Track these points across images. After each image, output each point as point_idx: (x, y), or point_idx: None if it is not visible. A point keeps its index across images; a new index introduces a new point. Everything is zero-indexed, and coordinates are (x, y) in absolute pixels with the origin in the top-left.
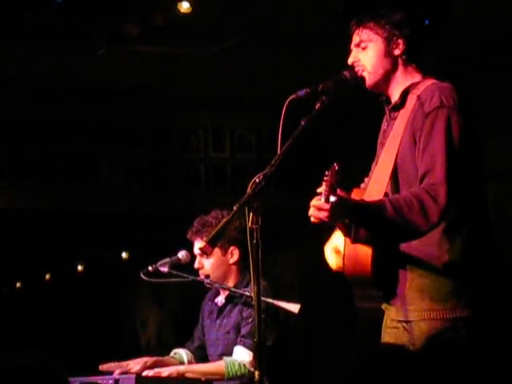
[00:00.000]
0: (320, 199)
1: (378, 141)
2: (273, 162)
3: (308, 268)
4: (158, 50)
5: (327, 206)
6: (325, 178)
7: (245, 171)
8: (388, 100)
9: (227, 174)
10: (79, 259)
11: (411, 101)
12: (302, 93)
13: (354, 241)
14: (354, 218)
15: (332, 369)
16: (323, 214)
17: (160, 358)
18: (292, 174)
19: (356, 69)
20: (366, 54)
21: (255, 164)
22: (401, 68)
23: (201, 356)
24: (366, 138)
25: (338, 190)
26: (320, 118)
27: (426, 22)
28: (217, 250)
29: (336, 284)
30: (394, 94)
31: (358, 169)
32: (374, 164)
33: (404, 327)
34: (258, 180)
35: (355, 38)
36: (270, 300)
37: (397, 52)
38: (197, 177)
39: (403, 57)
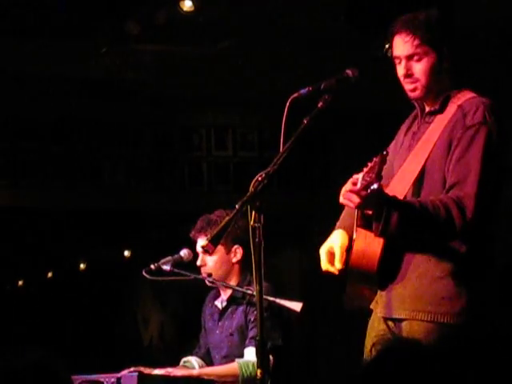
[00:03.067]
0: (356, 183)
1: (400, 140)
2: (275, 161)
3: (310, 266)
4: (160, 48)
5: (364, 193)
6: (370, 164)
7: (247, 170)
8: (422, 104)
9: (229, 172)
10: (81, 257)
11: (451, 109)
12: (304, 91)
13: (381, 233)
14: (387, 210)
15: (334, 368)
16: (356, 200)
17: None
18: (295, 172)
19: (409, 80)
20: (421, 67)
21: (257, 162)
22: (441, 80)
23: (210, 361)
24: (369, 139)
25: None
26: (323, 116)
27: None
28: (220, 248)
29: (338, 282)
30: (430, 100)
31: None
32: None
33: (390, 327)
34: (260, 178)
35: (407, 49)
36: (272, 299)
37: (446, 66)
38: (199, 175)
39: (450, 70)
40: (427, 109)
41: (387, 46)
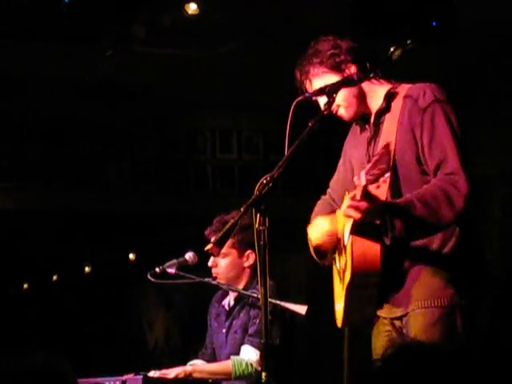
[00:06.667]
0: (354, 197)
1: (350, 156)
2: (280, 164)
3: (316, 269)
4: (164, 51)
5: (364, 207)
6: (375, 158)
7: (252, 172)
8: (366, 116)
9: (234, 175)
10: (86, 260)
11: (397, 103)
12: (309, 94)
13: (391, 241)
14: (389, 218)
15: (338, 370)
16: (356, 214)
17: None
18: (300, 174)
19: (334, 111)
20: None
21: (262, 165)
22: (366, 84)
23: (216, 361)
24: None
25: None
26: (327, 119)
27: (434, 24)
28: (233, 252)
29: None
30: (373, 107)
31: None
32: (335, 175)
33: (395, 325)
34: (265, 181)
35: (310, 88)
36: (277, 302)
37: (360, 76)
38: (204, 178)
39: (363, 76)
40: (374, 111)
41: (392, 49)
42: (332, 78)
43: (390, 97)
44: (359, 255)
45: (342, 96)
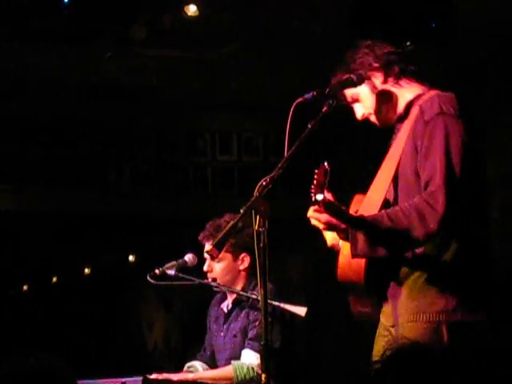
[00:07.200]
0: (317, 210)
1: None
2: (280, 165)
3: (315, 270)
4: (164, 52)
5: (324, 219)
6: (315, 177)
7: (252, 174)
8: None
9: (234, 176)
10: (86, 262)
11: (414, 111)
12: (309, 96)
13: (354, 256)
14: (351, 231)
15: (338, 372)
16: (319, 225)
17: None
18: (300, 176)
19: (368, 118)
20: (364, 104)
21: (262, 167)
22: (395, 89)
23: (215, 364)
24: (376, 143)
25: (327, 192)
26: (328, 121)
27: (433, 26)
28: (228, 256)
29: (343, 286)
30: (399, 114)
31: (367, 173)
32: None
33: (391, 332)
34: (264, 183)
35: (344, 97)
36: (276, 303)
37: (379, 82)
38: (204, 180)
39: (389, 80)
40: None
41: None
42: (362, 87)
43: (409, 105)
44: (344, 265)
45: (369, 103)
